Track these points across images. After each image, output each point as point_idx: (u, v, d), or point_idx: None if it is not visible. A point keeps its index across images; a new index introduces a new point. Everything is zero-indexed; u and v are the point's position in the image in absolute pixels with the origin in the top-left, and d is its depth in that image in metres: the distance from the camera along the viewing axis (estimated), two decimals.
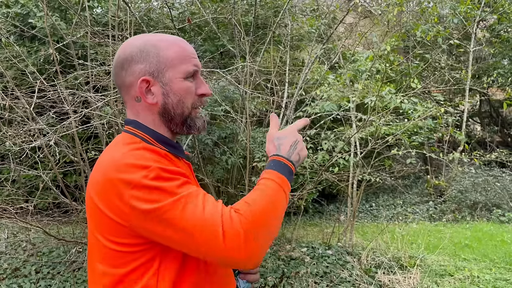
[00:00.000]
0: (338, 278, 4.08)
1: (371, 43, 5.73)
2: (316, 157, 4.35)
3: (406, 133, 4.92)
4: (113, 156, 1.00)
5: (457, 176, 10.07)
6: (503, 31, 12.72)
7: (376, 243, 5.28)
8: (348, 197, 5.93)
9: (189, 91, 1.11)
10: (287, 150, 1.13)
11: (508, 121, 14.62)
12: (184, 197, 0.92)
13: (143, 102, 1.09)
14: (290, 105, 5.47)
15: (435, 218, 9.30)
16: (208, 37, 7.56)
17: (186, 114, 1.12)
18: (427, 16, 5.81)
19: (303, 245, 4.93)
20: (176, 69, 1.09)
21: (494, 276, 4.65)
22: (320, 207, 8.94)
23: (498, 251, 5.99)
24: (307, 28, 6.61)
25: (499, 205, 9.50)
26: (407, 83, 4.44)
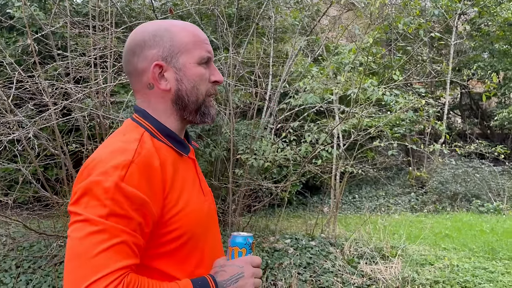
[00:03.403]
0: (321, 268, 4.12)
1: (354, 35, 5.75)
2: (299, 149, 4.37)
3: (388, 125, 4.97)
4: (104, 147, 0.99)
5: (438, 167, 10.26)
6: (483, 24, 12.92)
7: (358, 234, 5.35)
8: (331, 189, 5.98)
9: (203, 77, 1.07)
10: (224, 278, 1.02)
11: (487, 113, 14.90)
12: (106, 231, 0.86)
13: (156, 89, 1.05)
14: (273, 97, 5.48)
15: (416, 209, 9.46)
16: None
17: (201, 101, 1.08)
18: (410, 9, 5.86)
19: (286, 236, 4.96)
20: (190, 54, 1.05)
21: (473, 265, 4.76)
22: (304, 199, 9.00)
23: (477, 240, 6.13)
24: (291, 20, 6.59)
25: (478, 195, 9.72)
26: (389, 75, 4.48)
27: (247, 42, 5.18)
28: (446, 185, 9.85)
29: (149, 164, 0.95)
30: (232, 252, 1.10)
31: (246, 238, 1.11)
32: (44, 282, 3.80)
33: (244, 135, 5.23)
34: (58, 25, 4.37)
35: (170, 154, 1.04)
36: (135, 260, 0.89)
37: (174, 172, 1.01)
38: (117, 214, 0.87)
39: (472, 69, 8.58)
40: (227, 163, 4.66)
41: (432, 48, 12.62)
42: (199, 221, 1.06)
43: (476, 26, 13.20)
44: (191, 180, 1.09)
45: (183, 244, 1.01)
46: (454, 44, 11.43)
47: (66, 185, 4.31)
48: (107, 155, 0.94)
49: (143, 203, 0.91)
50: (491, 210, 9.04)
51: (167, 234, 0.98)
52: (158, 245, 0.97)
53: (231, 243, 1.11)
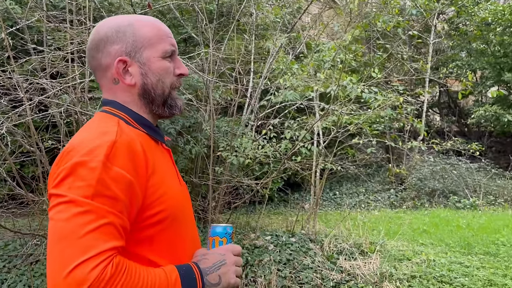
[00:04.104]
0: (300, 265, 4.14)
1: (335, 33, 5.79)
2: (279, 146, 4.38)
3: (367, 122, 5.03)
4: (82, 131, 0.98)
5: (417, 164, 10.43)
6: (461, 24, 13.18)
7: (338, 230, 5.40)
8: (311, 185, 6.02)
9: (168, 70, 1.08)
10: (207, 265, 1.03)
11: (465, 111, 15.22)
12: (92, 212, 0.85)
13: (121, 84, 1.06)
14: (254, 94, 5.47)
15: (396, 205, 9.61)
16: (172, 24, 7.41)
17: (167, 94, 1.09)
18: (390, 7, 5.92)
19: (267, 233, 4.97)
20: (154, 48, 1.06)
21: (449, 259, 4.86)
22: (285, 196, 9.04)
23: (453, 235, 6.27)
24: (272, 17, 6.59)
25: (455, 192, 9.93)
26: (368, 73, 4.52)
27: (228, 39, 5.15)
28: (425, 182, 10.04)
29: (131, 145, 0.95)
30: (212, 242, 1.11)
31: (226, 228, 1.13)
32: (19, 281, 3.72)
33: (224, 132, 5.21)
34: (33, 19, 4.27)
35: (147, 141, 1.04)
36: (122, 242, 0.89)
37: (153, 156, 1.01)
38: (104, 194, 0.87)
39: (449, 68, 8.74)
40: (208, 160, 4.64)
41: (412, 47, 12.81)
42: (181, 206, 1.07)
43: (454, 25, 13.46)
44: (168, 167, 1.11)
45: (166, 228, 1.01)
46: (433, 43, 11.62)
47: (42, 183, 4.22)
48: (89, 138, 0.93)
49: (129, 184, 0.91)
50: (467, 206, 9.25)
51: (151, 217, 0.97)
52: (141, 228, 0.97)
53: (211, 233, 1.12)
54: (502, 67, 12.42)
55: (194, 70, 4.20)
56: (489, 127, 13.15)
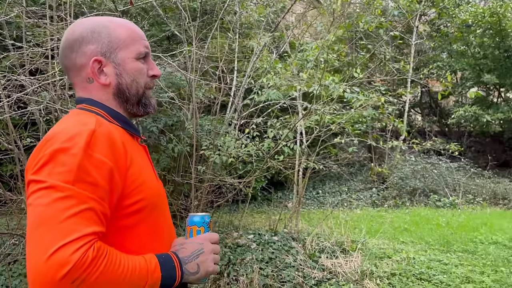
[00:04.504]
0: (282, 263, 4.16)
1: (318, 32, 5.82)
2: (262, 145, 4.39)
3: (349, 122, 5.07)
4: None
5: (398, 163, 10.57)
6: (442, 25, 13.39)
7: (320, 229, 5.44)
8: (294, 184, 6.05)
9: (141, 71, 1.12)
10: (186, 254, 1.05)
11: (445, 111, 15.48)
12: (73, 197, 0.85)
13: (95, 83, 1.08)
14: (238, 93, 5.47)
15: (377, 204, 9.72)
16: (155, 21, 7.35)
17: (141, 93, 1.12)
18: (373, 8, 5.99)
19: (250, 232, 4.98)
20: (128, 49, 1.09)
21: (429, 257, 4.95)
22: (269, 195, 9.06)
23: (433, 234, 6.37)
24: (257, 16, 6.60)
25: (435, 191, 10.10)
26: (350, 73, 4.57)
27: (211, 37, 5.14)
28: (406, 181, 10.18)
29: (110, 134, 0.97)
30: (190, 231, 1.14)
31: (204, 217, 1.15)
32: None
33: (208, 130, 5.20)
34: (12, 15, 4.18)
35: (124, 135, 1.07)
36: (102, 228, 0.90)
37: (131, 149, 1.04)
38: (85, 180, 0.88)
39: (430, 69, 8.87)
40: (190, 159, 4.62)
41: (394, 48, 12.96)
42: (157, 199, 1.09)
43: (435, 27, 13.67)
44: (145, 161, 1.13)
45: (145, 218, 1.03)
46: (415, 44, 11.79)
47: (20, 181, 4.14)
48: (68, 127, 0.95)
49: (110, 171, 0.93)
50: (447, 205, 9.42)
51: (130, 205, 0.99)
52: (121, 217, 0.98)
53: (189, 222, 1.14)
54: (482, 68, 12.67)
55: (177, 68, 4.17)
56: (468, 127, 13.41)
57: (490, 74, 12.06)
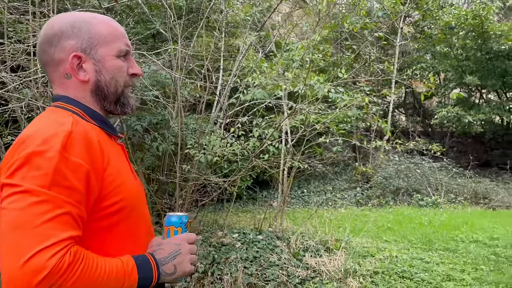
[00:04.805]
0: (267, 262, 4.17)
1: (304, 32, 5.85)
2: (247, 144, 4.39)
3: (334, 121, 5.11)
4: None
5: (382, 163, 10.69)
6: (426, 27, 13.59)
7: (305, 228, 5.47)
8: (279, 183, 6.07)
9: (121, 69, 1.10)
10: (163, 256, 1.05)
11: (429, 112, 15.71)
12: (49, 202, 0.84)
13: (73, 79, 1.06)
14: (224, 92, 5.46)
15: (361, 203, 9.82)
16: (140, 19, 7.29)
17: (120, 92, 1.11)
18: (358, 9, 6.04)
19: (234, 231, 4.98)
20: (109, 46, 1.07)
21: (411, 255, 5.02)
22: (254, 194, 9.08)
23: (416, 232, 6.47)
24: (243, 15, 6.59)
25: (418, 190, 10.25)
26: (335, 73, 4.60)
27: (197, 35, 5.12)
28: (390, 180, 10.31)
29: (87, 136, 0.96)
30: (168, 231, 1.13)
31: (182, 217, 1.15)
32: None
33: (193, 129, 5.18)
34: None
35: (101, 134, 1.05)
36: (79, 232, 0.89)
37: (108, 149, 1.02)
38: (60, 184, 0.87)
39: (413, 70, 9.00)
40: (175, 157, 4.60)
41: (379, 48, 13.09)
42: (135, 199, 1.08)
43: (419, 28, 13.86)
44: (122, 161, 1.12)
45: (123, 219, 1.02)
46: (399, 45, 11.92)
47: None
48: (44, 128, 0.93)
49: (86, 174, 0.91)
50: (429, 204, 9.56)
51: (108, 207, 0.98)
52: (99, 218, 0.97)
53: (166, 222, 1.14)
54: (464, 70, 12.89)
55: (162, 66, 4.15)
56: (451, 127, 13.63)
57: (472, 76, 12.28)
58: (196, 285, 3.71)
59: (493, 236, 6.12)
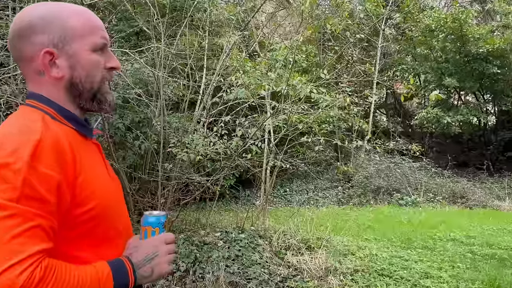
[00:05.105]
0: (249, 260, 4.20)
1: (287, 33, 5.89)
2: (230, 143, 4.41)
3: (316, 121, 5.17)
4: None
5: (363, 163, 10.83)
6: (407, 29, 13.81)
7: (287, 226, 5.51)
8: (262, 182, 6.10)
9: (97, 64, 1.03)
10: (139, 258, 1.02)
11: (409, 113, 15.97)
12: (18, 215, 0.82)
13: (47, 76, 0.99)
14: (207, 91, 5.46)
15: (343, 202, 9.94)
16: (123, 16, 7.23)
17: (96, 88, 1.04)
18: (341, 11, 6.12)
19: (217, 230, 4.99)
20: (84, 40, 1.00)
21: (390, 254, 5.11)
22: (237, 193, 9.10)
23: (395, 231, 6.58)
24: (227, 14, 6.60)
25: (398, 189, 10.42)
26: (317, 74, 4.66)
27: (180, 34, 5.11)
28: (370, 180, 10.45)
29: (57, 143, 0.91)
30: (145, 231, 1.10)
31: (159, 218, 1.12)
32: None
33: (176, 128, 5.16)
34: None
35: (74, 136, 1.00)
36: (50, 244, 0.87)
37: (81, 153, 0.98)
38: (30, 196, 0.83)
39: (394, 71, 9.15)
40: (157, 156, 4.58)
41: (362, 50, 13.26)
42: (111, 202, 1.04)
43: (401, 30, 14.08)
44: (97, 163, 1.07)
45: (96, 226, 0.99)
46: (381, 46, 12.09)
47: None
48: (12, 136, 0.89)
49: (56, 184, 0.88)
50: (409, 203, 9.73)
51: (80, 215, 0.95)
52: (71, 227, 0.94)
53: (144, 222, 1.11)
54: (443, 72, 13.15)
55: (144, 65, 4.13)
56: (430, 128, 13.89)
57: (451, 78, 12.53)
58: (177, 283, 3.71)
59: (469, 235, 6.28)
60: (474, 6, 15.50)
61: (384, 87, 14.35)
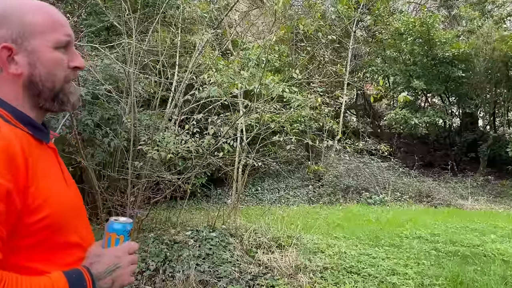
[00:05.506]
0: (220, 259, 4.20)
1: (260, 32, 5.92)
2: (202, 141, 4.39)
3: (288, 121, 5.21)
4: None
5: (334, 162, 11.00)
6: (378, 32, 14.11)
7: (258, 225, 5.54)
8: (234, 181, 6.10)
9: (60, 62, 0.99)
10: (100, 270, 0.98)
11: (378, 114, 16.34)
12: None
13: (4, 73, 0.95)
14: (179, 88, 5.41)
15: (313, 201, 10.06)
16: (93, 11, 7.07)
17: (58, 88, 1.00)
18: (313, 12, 6.18)
19: (188, 228, 4.96)
20: (45, 37, 0.97)
21: (359, 251, 5.21)
22: (208, 191, 9.06)
23: (364, 229, 6.71)
24: (200, 12, 6.56)
25: (367, 188, 10.64)
26: (290, 74, 4.70)
27: (152, 30, 5.04)
28: (340, 179, 10.63)
29: (8, 149, 0.86)
30: (109, 238, 1.06)
31: (125, 225, 1.08)
32: None
33: (146, 125, 5.10)
34: None
35: (28, 141, 0.96)
36: (0, 255, 0.83)
37: (35, 159, 0.94)
38: None
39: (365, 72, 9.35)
40: (127, 154, 4.51)
41: (334, 51, 13.45)
42: (66, 210, 1.00)
43: (371, 33, 14.38)
44: (53, 169, 1.03)
45: (51, 235, 0.94)
46: (352, 48, 12.31)
47: None
48: None
49: (6, 192, 0.84)
50: (377, 202, 9.96)
51: (33, 224, 0.91)
52: (24, 236, 0.90)
53: (108, 228, 1.07)
54: (411, 74, 13.52)
55: (115, 60, 4.05)
56: (398, 129, 14.26)
57: (418, 80, 12.89)
58: (147, 283, 3.67)
59: (434, 233, 6.47)
60: (441, 11, 16.01)
61: (354, 88, 14.61)
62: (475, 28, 13.05)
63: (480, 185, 12.59)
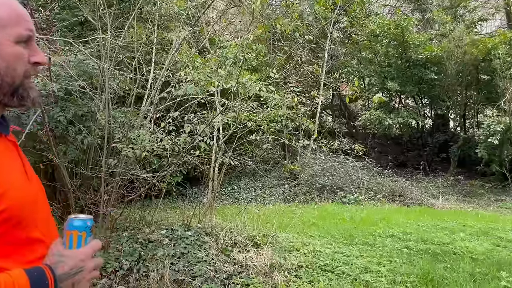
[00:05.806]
0: (195, 258, 4.17)
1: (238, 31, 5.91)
2: (178, 139, 4.35)
3: (265, 120, 5.23)
4: None
5: (309, 162, 11.10)
6: (354, 33, 14.32)
7: (234, 224, 5.54)
8: (210, 180, 6.08)
9: (20, 57, 0.97)
10: (64, 271, 0.97)
11: (354, 114, 16.57)
12: None
13: None
14: (155, 86, 5.34)
15: (289, 200, 10.13)
16: (67, 5, 6.90)
17: (17, 83, 0.98)
18: (291, 12, 6.22)
19: (162, 227, 4.91)
20: (5, 31, 0.95)
21: (333, 250, 5.28)
22: (184, 190, 8.99)
23: (338, 228, 6.80)
24: (177, 9, 6.49)
25: (342, 188, 10.78)
26: (267, 73, 4.71)
27: (128, 26, 4.96)
28: (316, 178, 10.73)
29: None
30: (70, 236, 1.04)
31: (86, 221, 1.06)
32: None
33: (121, 123, 5.01)
34: None
35: None
36: None
37: None
38: None
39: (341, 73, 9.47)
40: (101, 151, 4.43)
41: (310, 51, 13.56)
42: (26, 204, 0.98)
43: (347, 34, 14.57)
44: (12, 162, 1.01)
45: (10, 230, 0.92)
46: (329, 49, 12.44)
47: None
48: None
49: None
50: (352, 201, 10.10)
51: None
52: None
53: (68, 226, 1.05)
54: (386, 76, 13.77)
55: (89, 56, 3.97)
56: (373, 129, 14.51)
57: (393, 82, 13.15)
58: (120, 282, 3.61)
59: (406, 231, 6.62)
60: (415, 14, 16.37)
61: (330, 89, 14.76)
62: (447, 31, 13.41)
63: (450, 185, 12.95)
